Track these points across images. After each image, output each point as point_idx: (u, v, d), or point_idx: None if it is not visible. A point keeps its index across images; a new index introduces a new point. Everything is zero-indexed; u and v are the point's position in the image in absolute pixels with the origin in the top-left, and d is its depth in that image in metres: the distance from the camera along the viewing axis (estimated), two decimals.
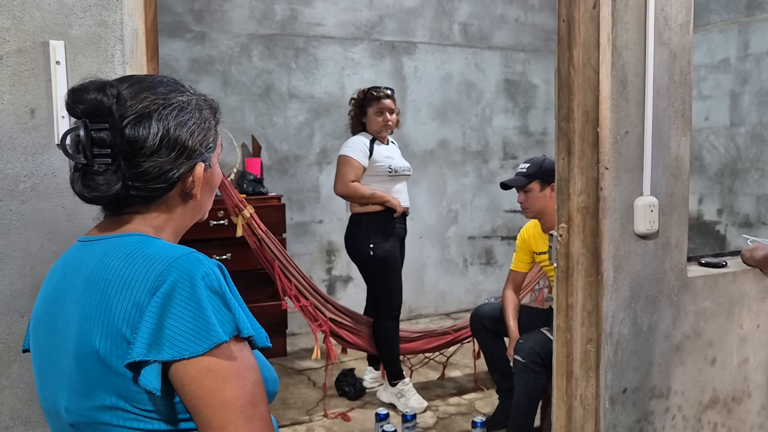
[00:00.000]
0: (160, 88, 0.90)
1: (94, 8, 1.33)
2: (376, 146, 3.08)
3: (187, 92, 0.93)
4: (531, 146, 4.95)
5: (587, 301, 1.74)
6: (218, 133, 0.98)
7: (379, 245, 3.02)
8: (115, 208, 0.91)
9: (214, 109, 0.97)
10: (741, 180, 4.24)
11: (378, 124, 3.09)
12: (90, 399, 0.81)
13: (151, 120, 0.86)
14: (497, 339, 2.84)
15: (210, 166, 0.96)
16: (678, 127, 1.77)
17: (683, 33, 1.74)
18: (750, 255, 1.96)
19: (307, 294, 3.04)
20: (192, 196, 0.93)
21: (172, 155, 0.88)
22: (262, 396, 0.83)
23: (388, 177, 3.06)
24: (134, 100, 0.86)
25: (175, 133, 0.88)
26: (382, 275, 3.07)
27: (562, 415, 1.81)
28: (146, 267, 0.81)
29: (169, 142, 0.88)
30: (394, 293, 3.09)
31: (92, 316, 0.81)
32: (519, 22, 4.81)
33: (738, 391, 1.95)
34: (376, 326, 3.13)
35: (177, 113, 0.89)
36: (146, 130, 0.86)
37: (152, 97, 0.88)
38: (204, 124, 0.93)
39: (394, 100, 3.15)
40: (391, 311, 3.11)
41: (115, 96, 0.85)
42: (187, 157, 0.90)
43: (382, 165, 3.04)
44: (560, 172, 1.75)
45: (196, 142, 0.91)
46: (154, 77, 0.93)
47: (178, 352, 0.77)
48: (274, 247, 2.99)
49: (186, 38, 3.87)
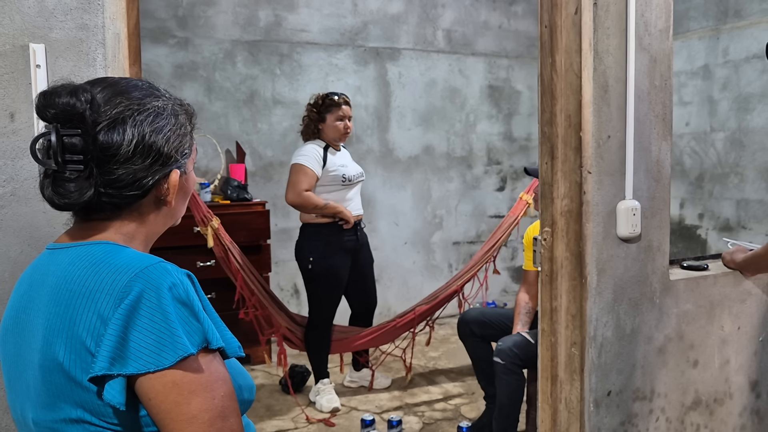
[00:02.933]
0: (135, 92, 0.87)
1: (75, 11, 1.32)
2: (330, 155, 3.05)
3: (163, 97, 0.90)
4: (515, 152, 4.99)
5: (571, 304, 1.75)
6: (194, 138, 0.96)
7: (318, 261, 3.01)
8: (85, 215, 0.88)
9: (189, 114, 0.95)
10: (721, 185, 4.30)
11: (337, 131, 3.06)
12: (55, 411, 0.79)
13: (126, 126, 0.84)
14: (484, 344, 2.84)
15: (185, 173, 0.94)
16: (659, 132, 1.79)
17: (663, 38, 1.77)
18: (730, 258, 1.99)
19: (266, 304, 3.06)
20: (166, 203, 0.91)
21: (146, 162, 0.86)
22: (233, 408, 0.81)
23: (341, 186, 3.05)
24: (108, 105, 0.84)
25: (150, 139, 0.86)
26: (315, 290, 3.09)
27: (547, 418, 1.82)
28: (112, 277, 0.78)
29: (144, 149, 0.85)
30: (322, 308, 3.11)
31: (56, 327, 0.79)
32: (502, 29, 4.85)
33: (720, 392, 1.97)
34: (304, 333, 3.17)
35: (152, 119, 0.87)
36: (120, 136, 0.83)
37: (126, 102, 0.85)
38: (180, 129, 0.90)
39: (350, 107, 3.14)
40: (316, 322, 3.13)
41: (89, 101, 0.82)
42: (162, 163, 0.88)
43: (335, 174, 3.02)
44: (543, 177, 1.76)
45: (171, 149, 0.88)
46: (128, 80, 0.90)
47: (143, 366, 0.75)
48: (239, 257, 2.99)
49: (170, 44, 3.85)
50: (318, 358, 3.18)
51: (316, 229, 3.05)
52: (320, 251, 3.02)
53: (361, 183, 3.21)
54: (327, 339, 3.18)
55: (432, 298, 3.33)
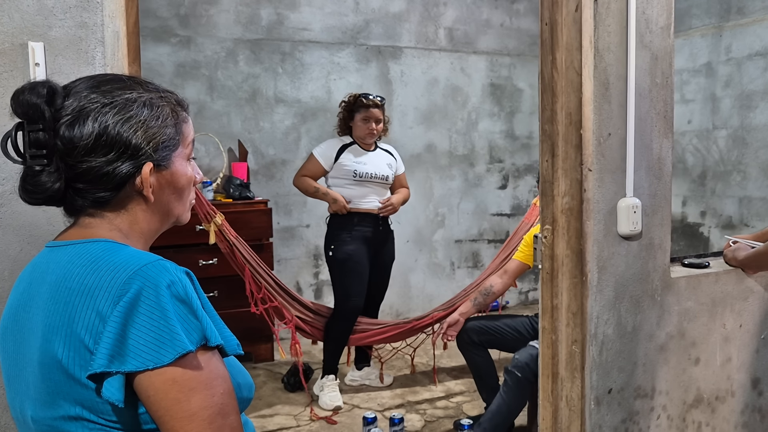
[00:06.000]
0: (107, 86, 0.87)
1: (74, 10, 1.32)
2: (348, 151, 3.17)
3: (138, 89, 0.89)
4: (517, 150, 4.98)
5: (572, 302, 1.75)
6: (183, 131, 0.94)
7: (339, 247, 3.14)
8: (74, 212, 0.89)
9: (175, 104, 0.93)
10: (723, 182, 4.28)
11: (362, 131, 3.19)
12: (54, 409, 0.80)
13: (88, 119, 0.84)
14: (484, 352, 2.80)
15: (166, 167, 0.91)
16: (660, 129, 1.78)
17: (664, 36, 1.76)
18: (732, 255, 1.98)
19: (276, 295, 3.11)
20: (145, 198, 0.90)
21: (111, 155, 0.85)
22: (232, 406, 0.81)
23: (352, 181, 3.15)
24: (73, 98, 0.85)
25: (114, 130, 0.85)
26: (339, 277, 3.18)
27: (548, 416, 1.82)
28: (110, 275, 0.78)
29: (107, 141, 0.84)
30: (349, 297, 3.16)
31: (55, 324, 0.79)
32: (504, 27, 4.84)
33: (722, 390, 1.97)
34: (326, 323, 3.21)
35: (119, 110, 0.85)
36: (80, 129, 0.83)
37: (94, 95, 0.85)
38: (154, 121, 0.88)
39: (383, 110, 3.22)
40: (342, 313, 3.18)
41: (45, 95, 0.83)
42: (131, 156, 0.86)
43: (347, 169, 3.14)
44: (544, 174, 1.75)
45: (141, 141, 0.86)
46: (106, 75, 0.90)
47: (141, 363, 0.75)
48: (245, 251, 3.04)
49: (171, 43, 3.86)
50: (333, 350, 3.21)
51: (337, 220, 3.19)
52: (340, 239, 3.15)
53: (385, 185, 3.26)
54: (347, 332, 3.21)
55: (449, 305, 3.36)
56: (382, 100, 3.21)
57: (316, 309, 3.27)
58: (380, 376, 3.40)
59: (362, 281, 3.17)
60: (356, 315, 3.20)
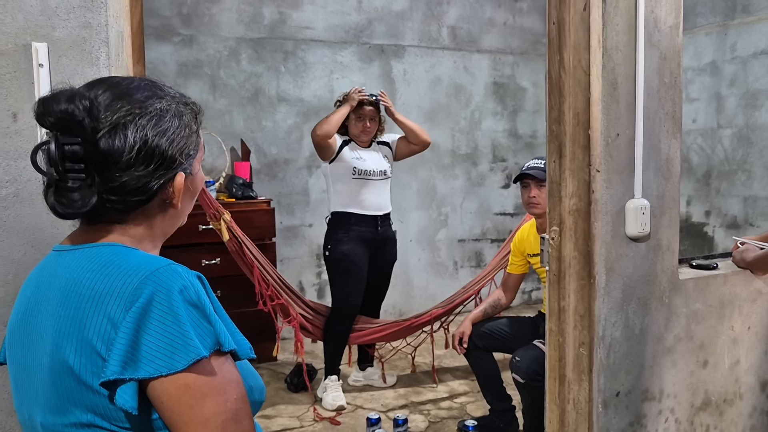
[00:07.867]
0: (137, 94, 0.84)
1: (78, 10, 1.30)
2: (347, 148, 3.16)
3: (166, 97, 0.87)
4: (520, 149, 4.96)
5: (579, 304, 1.73)
6: (200, 136, 0.94)
7: (335, 247, 3.13)
8: (91, 219, 0.86)
9: (195, 113, 0.92)
10: (728, 182, 4.26)
11: (357, 129, 3.19)
12: (65, 416, 0.78)
13: (127, 131, 0.81)
14: (488, 356, 2.78)
15: (191, 174, 0.92)
16: (668, 129, 1.77)
17: (673, 35, 1.74)
18: (740, 257, 1.97)
19: (282, 293, 3.12)
20: (172, 206, 0.89)
21: (150, 167, 0.83)
22: (245, 411, 0.80)
23: (352, 178, 3.14)
24: (108, 110, 0.81)
25: (153, 143, 0.83)
26: (335, 277, 3.17)
27: (555, 419, 1.80)
28: (122, 280, 0.77)
29: (147, 154, 0.82)
30: (345, 297, 3.15)
31: (66, 330, 0.78)
32: (507, 26, 4.82)
33: (730, 393, 1.95)
34: (325, 322, 3.21)
35: (155, 122, 0.84)
36: (122, 142, 0.81)
37: (128, 106, 0.82)
38: (184, 131, 0.88)
39: (378, 109, 3.21)
40: (340, 313, 3.18)
41: (87, 108, 0.79)
42: (167, 167, 0.85)
43: (347, 165, 3.13)
44: (551, 175, 1.74)
45: (175, 151, 0.85)
46: (130, 81, 0.87)
47: (155, 369, 0.74)
48: (254, 249, 3.04)
49: (174, 42, 3.84)
50: (333, 350, 3.21)
51: (337, 218, 3.17)
52: (337, 239, 3.14)
53: (385, 181, 3.23)
54: (346, 333, 3.20)
55: (449, 302, 3.37)
56: (375, 98, 3.18)
57: (316, 308, 3.27)
58: (382, 376, 3.39)
59: (359, 281, 3.16)
60: (353, 315, 3.20)
